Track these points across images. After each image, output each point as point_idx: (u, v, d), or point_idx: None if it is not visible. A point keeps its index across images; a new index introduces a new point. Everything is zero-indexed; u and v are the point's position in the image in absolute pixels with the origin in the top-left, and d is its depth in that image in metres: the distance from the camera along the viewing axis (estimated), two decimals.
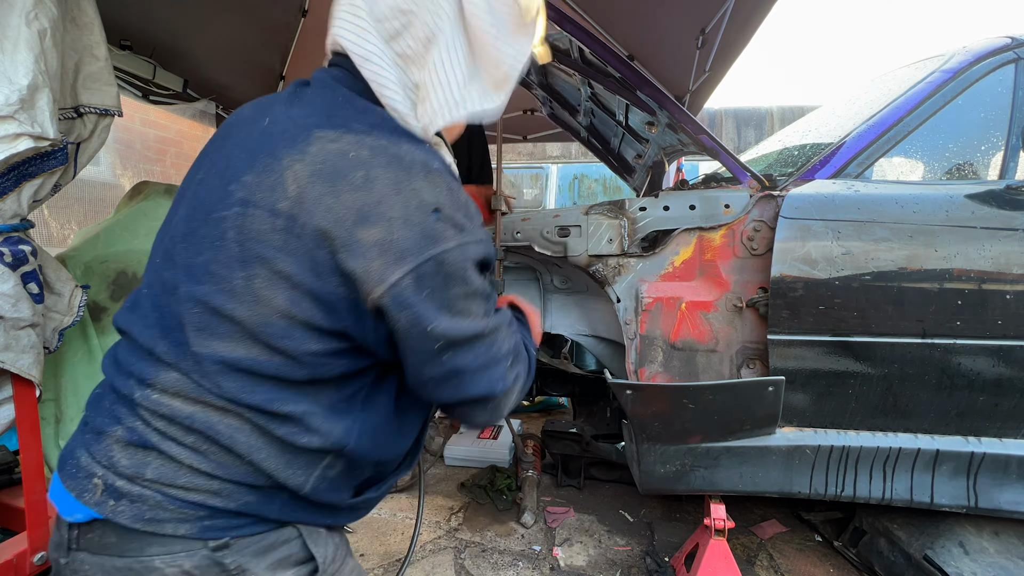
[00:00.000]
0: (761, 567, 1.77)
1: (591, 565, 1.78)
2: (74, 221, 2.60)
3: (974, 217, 1.34)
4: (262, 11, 2.77)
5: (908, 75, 1.71)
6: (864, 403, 1.40)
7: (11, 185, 1.12)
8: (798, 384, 1.39)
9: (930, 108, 1.52)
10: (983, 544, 1.50)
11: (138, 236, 1.70)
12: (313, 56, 3.16)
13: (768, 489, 1.47)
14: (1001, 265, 1.30)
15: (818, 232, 1.34)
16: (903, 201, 1.37)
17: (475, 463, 2.56)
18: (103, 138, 1.39)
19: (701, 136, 1.43)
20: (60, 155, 1.22)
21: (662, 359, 1.45)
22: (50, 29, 1.11)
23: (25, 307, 1.11)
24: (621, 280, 1.49)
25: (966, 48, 1.61)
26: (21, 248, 1.12)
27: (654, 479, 1.51)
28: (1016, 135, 1.52)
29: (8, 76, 1.05)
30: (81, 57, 1.29)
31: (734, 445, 1.45)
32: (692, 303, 1.43)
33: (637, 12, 2.47)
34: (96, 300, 1.59)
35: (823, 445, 1.42)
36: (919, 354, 1.34)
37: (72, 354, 1.54)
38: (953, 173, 1.59)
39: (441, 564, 1.77)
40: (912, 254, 1.32)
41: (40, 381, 1.17)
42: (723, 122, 6.11)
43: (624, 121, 1.97)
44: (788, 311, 1.34)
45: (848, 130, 1.59)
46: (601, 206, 1.54)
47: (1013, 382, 1.34)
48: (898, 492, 1.44)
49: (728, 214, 1.45)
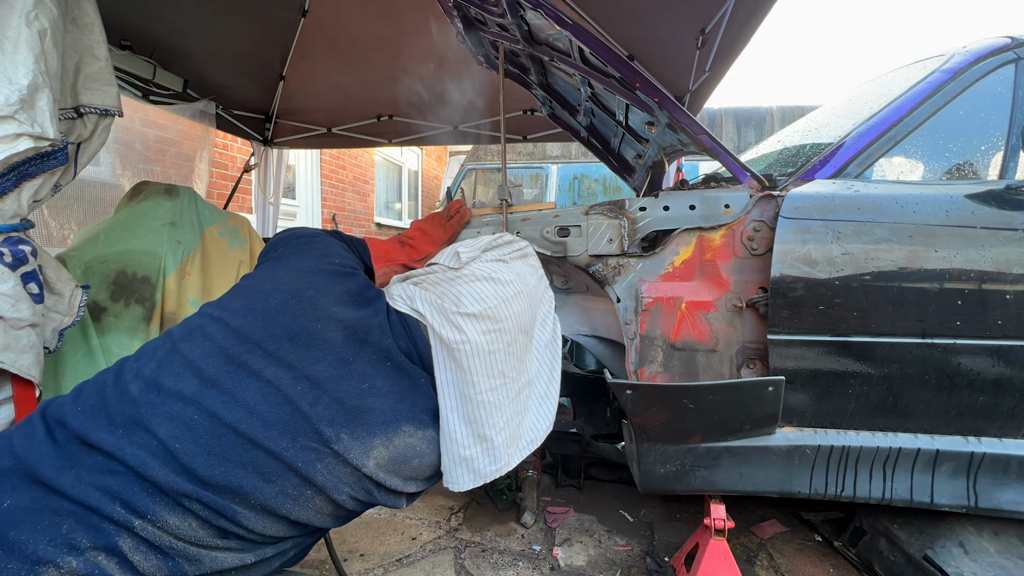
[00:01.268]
0: (761, 567, 1.77)
1: (591, 565, 1.78)
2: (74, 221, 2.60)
3: (974, 217, 1.34)
4: (262, 11, 2.77)
5: (908, 75, 1.71)
6: (864, 403, 1.40)
7: (11, 185, 1.12)
8: (798, 384, 1.39)
9: (930, 108, 1.52)
10: (983, 544, 1.50)
11: (138, 236, 1.70)
12: (313, 56, 3.16)
13: (768, 489, 1.47)
14: (1001, 265, 1.30)
15: (818, 232, 1.34)
16: (903, 201, 1.37)
17: None
18: (103, 138, 1.39)
19: (701, 136, 1.43)
20: (60, 155, 1.22)
21: (662, 359, 1.45)
22: (50, 29, 1.11)
23: (25, 307, 1.11)
24: (621, 280, 1.49)
25: (966, 48, 1.61)
26: (21, 248, 1.12)
27: (654, 479, 1.51)
28: (1016, 135, 1.52)
29: (8, 76, 1.05)
30: (81, 57, 1.29)
31: (734, 445, 1.45)
32: (692, 303, 1.43)
33: (637, 12, 2.47)
34: (96, 300, 1.59)
35: (823, 445, 1.42)
36: (919, 354, 1.34)
37: (72, 354, 1.54)
38: (953, 173, 1.59)
39: (441, 564, 1.77)
40: (912, 254, 1.32)
41: (40, 381, 1.17)
42: (723, 122, 6.11)
43: (624, 121, 1.97)
44: (788, 311, 1.34)
45: (848, 130, 1.59)
46: (601, 206, 1.54)
47: (1013, 382, 1.34)
48: (898, 492, 1.44)
49: (728, 214, 1.45)
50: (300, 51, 3.15)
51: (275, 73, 3.28)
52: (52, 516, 0.64)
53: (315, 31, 3.03)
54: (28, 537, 0.62)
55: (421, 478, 0.89)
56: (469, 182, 6.15)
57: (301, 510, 0.79)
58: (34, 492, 0.66)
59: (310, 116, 3.68)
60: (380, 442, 0.82)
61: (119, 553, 0.66)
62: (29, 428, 0.74)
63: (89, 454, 0.70)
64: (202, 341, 0.82)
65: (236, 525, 0.74)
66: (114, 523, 0.66)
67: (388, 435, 0.83)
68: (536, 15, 1.45)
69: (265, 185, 3.84)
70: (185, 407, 0.75)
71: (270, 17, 2.86)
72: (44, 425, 0.73)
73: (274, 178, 3.88)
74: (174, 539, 0.70)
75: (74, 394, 0.79)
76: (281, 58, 3.19)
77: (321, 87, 3.41)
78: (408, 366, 0.90)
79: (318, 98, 3.53)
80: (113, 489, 0.68)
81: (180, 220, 1.78)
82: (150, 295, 1.63)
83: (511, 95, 3.08)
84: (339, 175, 6.73)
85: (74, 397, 0.78)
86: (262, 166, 3.80)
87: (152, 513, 0.68)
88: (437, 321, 0.91)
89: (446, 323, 0.91)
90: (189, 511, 0.71)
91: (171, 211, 1.77)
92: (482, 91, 3.23)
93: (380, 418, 0.83)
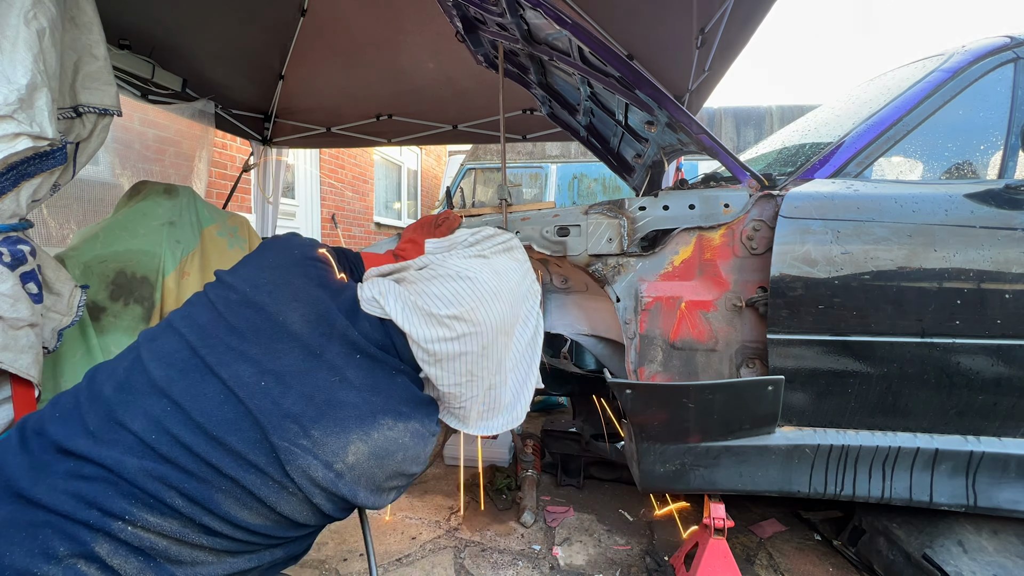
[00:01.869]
0: (760, 566, 1.78)
1: (591, 564, 1.78)
2: (73, 221, 2.60)
3: (973, 216, 1.34)
4: (261, 10, 2.77)
5: (907, 74, 1.71)
6: (863, 402, 1.40)
7: (10, 185, 1.12)
8: (797, 383, 1.39)
9: (929, 107, 1.52)
10: (982, 543, 1.50)
11: (137, 236, 1.69)
12: (312, 55, 3.16)
13: (767, 488, 1.47)
14: (1000, 264, 1.30)
15: (817, 231, 1.34)
16: (902, 200, 1.37)
17: (475, 463, 2.56)
18: (102, 138, 1.39)
19: (700, 135, 1.43)
20: (59, 155, 1.22)
21: (662, 358, 1.45)
22: (49, 29, 1.11)
23: (24, 307, 1.11)
24: (621, 279, 1.49)
25: (965, 48, 1.61)
26: (20, 248, 1.12)
27: (654, 478, 1.51)
28: (1015, 134, 1.52)
29: (7, 76, 1.04)
30: (80, 56, 1.29)
31: (733, 444, 1.45)
32: (692, 302, 1.43)
33: (637, 12, 2.47)
34: (95, 300, 1.59)
35: (822, 444, 1.42)
36: (918, 353, 1.34)
37: (71, 354, 1.54)
38: (952, 172, 1.59)
39: (441, 564, 1.77)
40: (911, 253, 1.32)
41: (39, 381, 1.17)
42: (722, 121, 6.10)
43: (623, 120, 1.97)
44: (787, 310, 1.34)
45: (847, 129, 1.59)
46: (601, 205, 1.54)
47: (1012, 381, 1.34)
48: (897, 491, 1.44)
49: (728, 213, 1.45)
50: (299, 50, 3.15)
51: (274, 72, 3.28)
52: (28, 527, 0.65)
53: (314, 30, 3.03)
54: (4, 549, 0.62)
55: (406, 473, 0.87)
56: (468, 181, 6.15)
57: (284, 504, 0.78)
58: (9, 504, 0.67)
59: (309, 115, 3.68)
60: (357, 437, 0.80)
61: (97, 558, 0.66)
62: (6, 442, 0.74)
63: (63, 461, 0.70)
64: (169, 339, 0.83)
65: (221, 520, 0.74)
66: (89, 528, 0.66)
67: (365, 429, 0.81)
68: (535, 14, 1.45)
69: (264, 185, 3.84)
70: (158, 400, 0.75)
71: (269, 16, 2.86)
72: (20, 437, 0.74)
73: (273, 177, 3.87)
74: (157, 537, 0.69)
75: (51, 404, 0.79)
76: (280, 57, 3.19)
77: (320, 86, 3.41)
78: (383, 357, 0.89)
79: (317, 97, 3.52)
80: (86, 494, 0.67)
81: (179, 220, 1.77)
82: (149, 295, 1.63)
83: (511, 94, 3.07)
84: (338, 175, 6.73)
85: (51, 406, 0.79)
86: (261, 166, 3.80)
87: (129, 514, 0.68)
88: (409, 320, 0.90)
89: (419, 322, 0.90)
90: (170, 507, 0.70)
91: (170, 211, 1.77)
92: (481, 90, 3.23)
93: (354, 412, 0.81)
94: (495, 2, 1.55)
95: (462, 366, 0.93)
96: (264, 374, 0.79)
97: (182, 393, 0.76)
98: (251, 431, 0.76)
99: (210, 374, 0.78)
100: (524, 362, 1.06)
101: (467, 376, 0.94)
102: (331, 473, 0.78)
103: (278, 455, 0.76)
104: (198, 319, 0.84)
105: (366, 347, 0.88)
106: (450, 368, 0.92)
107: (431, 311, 0.90)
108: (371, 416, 0.82)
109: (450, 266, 0.97)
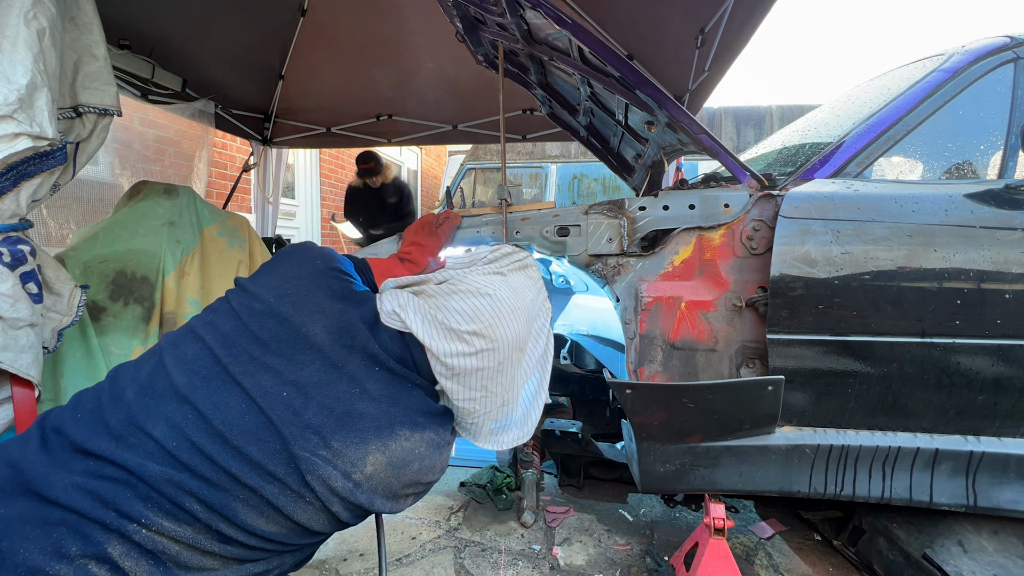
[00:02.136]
0: (760, 566, 1.78)
1: (591, 564, 1.78)
2: (73, 221, 2.60)
3: (973, 216, 1.34)
4: (261, 10, 2.77)
5: (907, 74, 1.71)
6: (863, 402, 1.40)
7: (10, 185, 1.12)
8: (797, 383, 1.39)
9: (929, 107, 1.52)
10: (982, 543, 1.50)
11: (137, 236, 1.69)
12: (313, 56, 3.16)
13: (768, 488, 1.47)
14: (1000, 264, 1.30)
15: (817, 231, 1.34)
16: (902, 200, 1.37)
17: (475, 462, 2.56)
18: (102, 138, 1.39)
19: (700, 135, 1.43)
20: (59, 155, 1.22)
21: (662, 358, 1.45)
22: (49, 28, 1.11)
23: (24, 307, 1.11)
24: (621, 279, 1.49)
25: (965, 48, 1.61)
26: (20, 248, 1.12)
27: (654, 478, 1.51)
28: (1015, 134, 1.52)
29: (7, 75, 1.04)
30: (80, 56, 1.29)
31: (734, 444, 1.45)
32: (692, 302, 1.43)
33: (637, 12, 2.47)
34: (95, 300, 1.59)
35: (822, 444, 1.42)
36: (918, 353, 1.34)
37: (71, 354, 1.53)
38: (952, 172, 1.59)
39: (441, 563, 1.77)
40: (911, 253, 1.32)
41: (39, 381, 1.17)
42: (722, 121, 6.10)
43: (623, 121, 1.97)
44: (787, 310, 1.34)
45: (847, 129, 1.59)
46: (601, 205, 1.54)
47: (1012, 381, 1.34)
48: (897, 491, 1.44)
49: (728, 213, 1.45)
50: (299, 50, 3.15)
51: (274, 72, 3.28)
52: (42, 525, 0.65)
53: (314, 30, 3.03)
54: (19, 547, 0.63)
55: (422, 482, 0.89)
56: (468, 181, 6.15)
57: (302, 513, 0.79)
58: (26, 502, 0.67)
59: (309, 115, 3.68)
60: (376, 447, 0.82)
61: (108, 560, 0.66)
62: (26, 438, 0.74)
63: (82, 460, 0.70)
64: (191, 345, 0.83)
65: (238, 528, 0.74)
66: (105, 528, 0.66)
67: (384, 440, 0.83)
68: (535, 14, 1.45)
69: (264, 184, 3.84)
70: (180, 407, 0.76)
71: (269, 16, 2.86)
72: (40, 434, 0.74)
73: (273, 177, 3.87)
74: (170, 542, 0.70)
75: (73, 402, 0.80)
76: (280, 57, 3.19)
77: (320, 86, 3.41)
78: (401, 370, 0.90)
79: (317, 97, 3.52)
80: (104, 494, 0.68)
81: (179, 220, 1.77)
82: (149, 295, 1.63)
83: (511, 94, 3.07)
84: (338, 174, 6.73)
85: (72, 405, 0.79)
86: (261, 165, 3.80)
87: (145, 517, 0.68)
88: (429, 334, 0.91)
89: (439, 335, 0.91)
90: (188, 513, 0.71)
91: (170, 211, 1.77)
92: (481, 90, 3.23)
93: (373, 423, 0.83)
94: (495, 2, 1.55)
95: (478, 381, 0.94)
96: (286, 385, 0.80)
97: (204, 401, 0.76)
98: (272, 441, 0.76)
99: (232, 383, 0.79)
100: (535, 378, 1.07)
101: (482, 391, 0.95)
102: (350, 483, 0.79)
103: (298, 465, 0.77)
104: (221, 327, 0.85)
105: (386, 360, 0.89)
106: (466, 383, 0.94)
107: (451, 326, 0.91)
108: (389, 427, 0.84)
109: (470, 282, 0.98)
